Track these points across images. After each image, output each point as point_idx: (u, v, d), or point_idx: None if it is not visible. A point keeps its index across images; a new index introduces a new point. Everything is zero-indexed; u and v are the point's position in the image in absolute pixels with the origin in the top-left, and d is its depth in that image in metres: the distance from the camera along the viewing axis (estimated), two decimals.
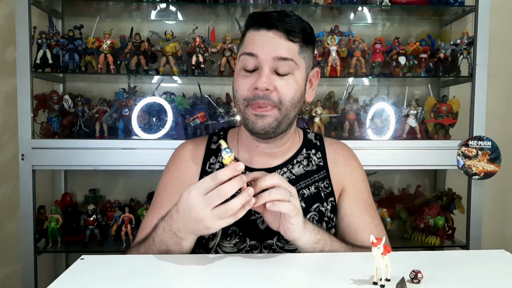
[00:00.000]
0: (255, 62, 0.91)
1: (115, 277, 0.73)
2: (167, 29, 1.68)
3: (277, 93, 0.91)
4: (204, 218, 0.74)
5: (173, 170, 1.03)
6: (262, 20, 0.93)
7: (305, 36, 0.94)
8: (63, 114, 1.60)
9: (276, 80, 0.91)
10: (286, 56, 0.91)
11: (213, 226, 0.75)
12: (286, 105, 0.92)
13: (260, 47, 0.91)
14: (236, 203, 0.73)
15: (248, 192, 0.73)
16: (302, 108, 1.65)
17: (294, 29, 0.92)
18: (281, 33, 0.91)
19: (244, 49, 0.94)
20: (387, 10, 1.74)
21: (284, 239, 0.95)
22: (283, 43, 0.91)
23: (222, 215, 0.73)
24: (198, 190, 0.74)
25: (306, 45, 0.95)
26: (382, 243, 0.66)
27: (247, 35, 0.95)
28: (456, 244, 1.69)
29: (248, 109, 0.93)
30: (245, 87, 0.92)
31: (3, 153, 1.80)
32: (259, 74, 0.91)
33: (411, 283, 0.69)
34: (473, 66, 1.60)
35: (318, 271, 0.75)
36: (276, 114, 0.92)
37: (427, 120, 1.67)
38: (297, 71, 0.93)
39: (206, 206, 0.73)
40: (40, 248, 1.58)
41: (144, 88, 1.81)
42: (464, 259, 0.85)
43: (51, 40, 1.57)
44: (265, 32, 0.92)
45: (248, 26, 0.96)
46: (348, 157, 1.07)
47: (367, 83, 1.86)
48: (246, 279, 0.72)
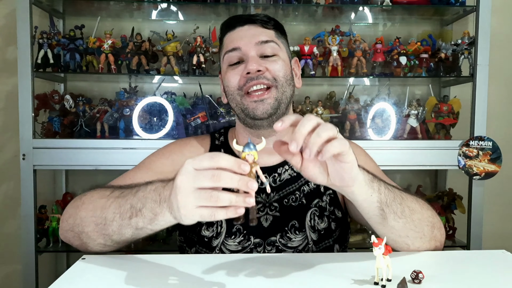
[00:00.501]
0: (239, 54, 0.96)
1: (116, 277, 0.73)
2: (168, 29, 1.68)
3: (269, 72, 0.94)
4: (183, 191, 0.63)
5: (174, 153, 1.01)
6: (234, 20, 1.01)
7: (277, 25, 1.02)
8: (64, 113, 1.60)
9: (265, 62, 0.95)
10: (267, 39, 0.96)
11: (185, 207, 0.63)
12: (281, 81, 0.95)
13: (240, 39, 0.97)
14: (225, 196, 0.61)
15: (246, 199, 0.61)
16: (303, 108, 1.66)
17: (264, 19, 1.00)
18: (256, 24, 0.99)
19: (225, 49, 0.98)
20: (388, 10, 1.74)
21: (287, 235, 0.95)
22: (260, 30, 0.98)
23: (202, 200, 0.61)
24: (193, 162, 0.63)
25: (281, 33, 1.02)
26: (383, 243, 0.66)
27: (225, 39, 1.01)
28: (457, 244, 1.69)
29: (244, 98, 0.94)
30: (235, 77, 0.95)
31: (4, 152, 1.80)
32: (246, 62, 0.94)
33: (412, 283, 0.69)
34: (474, 66, 1.60)
35: (319, 271, 0.75)
36: (274, 94, 0.94)
37: (428, 120, 1.67)
38: (281, 52, 0.98)
39: (192, 180, 0.62)
40: (41, 247, 1.58)
41: (145, 88, 1.81)
42: (465, 259, 0.85)
43: (52, 40, 1.57)
44: (241, 28, 0.99)
45: (223, 33, 1.02)
46: None
47: (368, 83, 1.85)
48: (247, 279, 0.72)
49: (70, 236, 0.85)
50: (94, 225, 0.79)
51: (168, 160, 0.99)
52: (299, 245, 0.94)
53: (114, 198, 0.79)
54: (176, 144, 1.06)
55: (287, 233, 0.96)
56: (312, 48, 1.62)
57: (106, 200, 0.79)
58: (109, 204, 0.78)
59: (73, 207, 0.86)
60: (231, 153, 1.01)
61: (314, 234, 0.97)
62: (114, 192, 0.80)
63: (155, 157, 1.01)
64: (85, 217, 0.81)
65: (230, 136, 1.07)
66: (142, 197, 0.73)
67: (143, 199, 0.73)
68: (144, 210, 0.72)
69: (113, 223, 0.76)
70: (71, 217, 0.85)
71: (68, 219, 0.86)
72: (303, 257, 0.84)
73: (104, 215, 0.78)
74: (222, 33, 1.03)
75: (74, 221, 0.83)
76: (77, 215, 0.83)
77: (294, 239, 0.96)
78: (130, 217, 0.74)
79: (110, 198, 0.79)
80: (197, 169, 0.62)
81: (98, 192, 0.85)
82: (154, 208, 0.70)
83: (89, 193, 0.86)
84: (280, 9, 1.73)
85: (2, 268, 1.83)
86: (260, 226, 0.96)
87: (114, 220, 0.76)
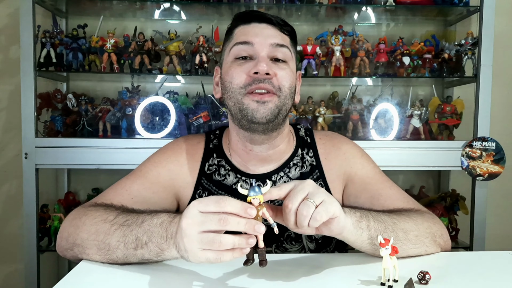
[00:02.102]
0: (250, 50, 0.90)
1: (119, 278, 0.73)
2: (170, 28, 1.67)
3: (276, 79, 0.89)
4: (188, 235, 0.63)
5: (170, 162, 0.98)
6: (251, 15, 0.93)
7: (293, 33, 0.96)
8: (66, 113, 1.60)
9: (275, 67, 0.90)
10: (283, 43, 0.91)
11: (191, 251, 0.63)
12: (285, 92, 0.90)
13: (254, 35, 0.90)
14: (228, 239, 0.61)
15: (248, 241, 0.61)
16: (306, 108, 1.65)
17: (282, 23, 0.93)
18: (274, 25, 0.92)
19: (236, 40, 0.92)
20: (392, 10, 1.74)
21: (283, 246, 0.95)
22: (276, 33, 0.92)
23: (206, 243, 0.61)
24: (199, 205, 0.64)
25: (294, 42, 0.97)
26: (390, 243, 0.66)
27: (236, 31, 0.94)
28: (460, 245, 1.68)
29: (246, 97, 0.88)
30: (241, 74, 0.89)
31: (6, 151, 1.80)
32: (256, 61, 0.89)
33: (419, 284, 0.68)
34: (477, 67, 1.59)
35: (326, 271, 0.75)
36: (276, 100, 0.89)
37: (431, 121, 1.67)
38: (291, 61, 0.94)
39: (197, 224, 0.62)
40: (43, 247, 1.58)
41: (147, 87, 1.80)
42: (472, 261, 0.84)
43: (55, 39, 1.57)
44: (257, 24, 0.92)
45: (235, 24, 0.95)
46: (338, 145, 1.02)
47: (371, 83, 1.85)
48: (255, 279, 0.71)
49: (70, 255, 0.83)
50: (97, 249, 0.78)
51: (165, 170, 0.96)
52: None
53: (118, 226, 0.77)
54: (171, 150, 1.00)
55: (283, 243, 0.95)
56: (315, 48, 1.61)
57: (110, 226, 0.77)
58: (113, 231, 0.76)
59: (72, 226, 0.83)
60: (223, 157, 0.98)
61: (312, 243, 0.96)
62: (118, 218, 0.78)
63: (151, 165, 0.97)
64: (87, 240, 0.78)
65: (224, 141, 1.02)
66: (148, 230, 0.72)
67: (149, 233, 0.71)
68: (150, 244, 0.71)
69: (117, 251, 0.75)
70: (71, 236, 0.81)
71: (68, 237, 0.82)
72: (310, 258, 0.84)
73: (107, 241, 0.76)
74: (234, 24, 0.95)
75: (74, 241, 0.80)
76: (78, 236, 0.80)
77: (290, 249, 0.95)
78: (135, 248, 0.73)
79: (114, 224, 0.77)
80: (203, 212, 0.63)
81: (100, 213, 0.81)
82: (160, 244, 0.70)
83: (90, 212, 0.83)
84: (283, 9, 1.73)
85: (4, 267, 1.83)
86: None
87: (118, 248, 0.75)
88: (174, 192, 0.97)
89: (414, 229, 0.82)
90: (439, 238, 0.87)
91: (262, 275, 0.73)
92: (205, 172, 0.98)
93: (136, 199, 0.90)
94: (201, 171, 0.98)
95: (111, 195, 0.91)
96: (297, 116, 1.64)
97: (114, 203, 0.88)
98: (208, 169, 0.98)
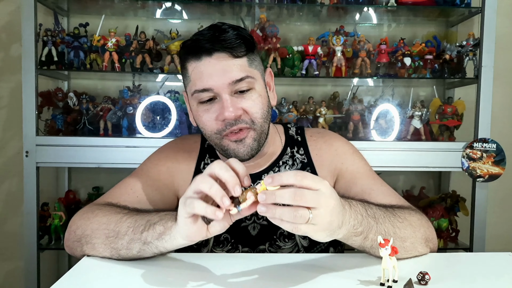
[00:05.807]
0: (211, 93, 0.86)
1: (119, 275, 0.73)
2: (172, 27, 1.68)
3: (246, 114, 0.87)
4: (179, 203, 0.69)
5: (169, 160, 1.00)
6: (199, 47, 0.86)
7: (247, 44, 0.88)
8: (67, 111, 1.60)
9: (241, 102, 0.86)
10: (241, 76, 0.85)
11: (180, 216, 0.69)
12: (259, 122, 0.88)
13: (210, 77, 0.85)
14: (201, 205, 0.66)
15: (216, 213, 0.65)
16: (307, 108, 1.65)
17: (235, 44, 0.85)
18: (225, 53, 0.85)
19: (194, 87, 0.87)
20: (393, 10, 1.74)
21: (276, 244, 0.95)
22: (231, 64, 0.85)
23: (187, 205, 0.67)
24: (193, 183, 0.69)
25: (252, 52, 0.90)
26: (390, 244, 0.66)
27: (190, 68, 0.88)
28: (460, 246, 1.68)
29: (223, 140, 0.88)
30: (211, 121, 0.87)
31: (7, 149, 1.80)
32: (220, 103, 0.86)
33: (418, 284, 0.68)
34: (478, 68, 1.59)
35: (325, 272, 0.75)
36: (252, 134, 0.88)
37: (432, 122, 1.66)
38: (256, 83, 0.89)
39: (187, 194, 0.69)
40: (43, 245, 1.58)
41: (148, 86, 1.80)
42: (471, 262, 0.84)
43: (56, 38, 1.57)
44: (208, 59, 0.85)
45: (186, 58, 0.89)
46: (330, 141, 1.01)
47: (372, 83, 1.85)
48: (252, 278, 0.71)
49: (75, 247, 0.84)
50: (105, 237, 0.79)
51: (164, 167, 0.99)
52: (289, 253, 0.93)
53: (131, 215, 0.81)
54: (170, 149, 1.03)
55: (276, 241, 0.95)
56: (316, 48, 1.61)
57: (122, 215, 0.81)
58: (125, 219, 0.79)
59: (83, 218, 0.85)
60: (216, 158, 1.00)
61: (305, 240, 0.96)
62: (132, 212, 0.83)
63: (152, 164, 1.00)
64: (97, 230, 0.81)
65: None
66: (160, 214, 0.77)
67: (162, 215, 0.77)
68: (158, 224, 0.75)
69: (125, 237, 0.77)
70: (80, 228, 0.84)
71: (76, 230, 0.84)
72: (308, 257, 0.84)
73: (117, 229, 0.78)
74: (184, 57, 0.90)
75: (83, 232, 0.83)
76: (88, 227, 0.82)
77: (284, 247, 0.95)
78: (142, 231, 0.76)
79: (127, 214, 0.81)
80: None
81: (113, 208, 0.85)
82: (166, 222, 0.74)
83: (103, 207, 0.86)
84: (285, 9, 1.73)
85: (4, 265, 1.83)
86: (248, 235, 0.95)
87: (126, 234, 0.77)
88: (174, 189, 0.98)
89: (411, 236, 0.82)
90: (431, 243, 0.87)
91: (261, 275, 0.73)
92: (201, 170, 0.99)
93: (141, 197, 0.93)
94: (197, 169, 0.99)
95: (117, 194, 0.93)
96: (298, 116, 1.64)
97: (120, 202, 0.90)
98: (204, 167, 1.00)
